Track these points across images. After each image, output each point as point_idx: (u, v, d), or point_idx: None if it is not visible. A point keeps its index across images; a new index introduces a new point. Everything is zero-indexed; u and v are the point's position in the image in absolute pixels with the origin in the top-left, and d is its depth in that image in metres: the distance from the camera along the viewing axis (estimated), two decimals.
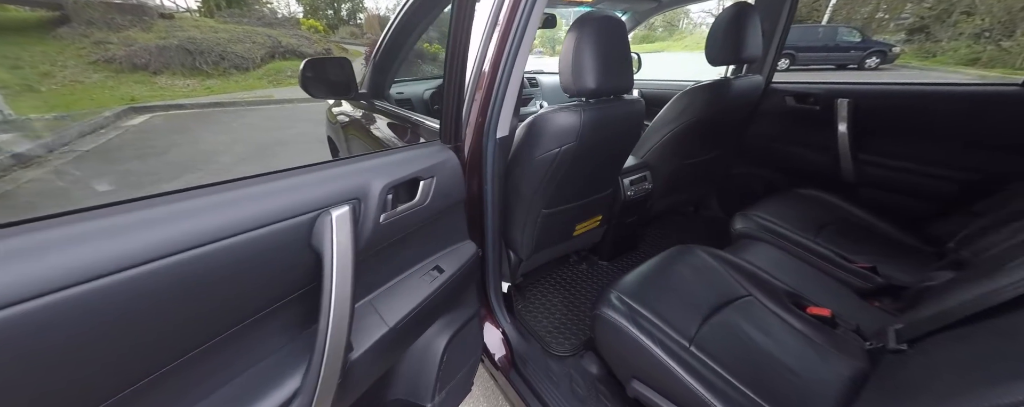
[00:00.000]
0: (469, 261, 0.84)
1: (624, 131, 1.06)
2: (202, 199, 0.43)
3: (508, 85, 0.78)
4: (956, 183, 1.24)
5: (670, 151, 1.39)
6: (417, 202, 0.66)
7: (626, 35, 0.92)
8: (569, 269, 1.54)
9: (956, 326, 0.59)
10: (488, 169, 0.85)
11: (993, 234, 0.88)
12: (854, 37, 10.24)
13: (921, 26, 12.38)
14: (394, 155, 0.67)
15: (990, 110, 1.18)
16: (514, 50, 0.75)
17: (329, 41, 12.26)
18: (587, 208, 1.22)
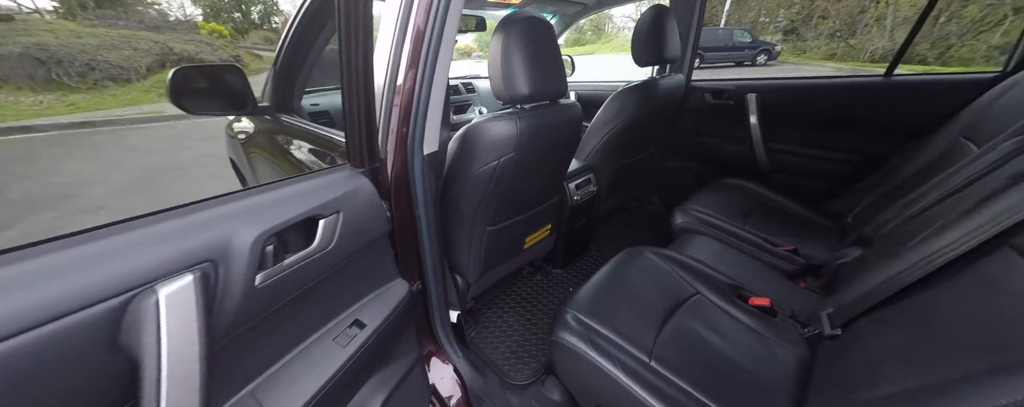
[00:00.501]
0: (402, 303, 0.72)
1: (564, 137, 1.02)
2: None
3: (431, 94, 0.68)
4: (847, 164, 1.42)
5: (611, 151, 1.41)
6: (316, 248, 0.53)
7: (555, 37, 0.88)
8: (523, 282, 1.48)
9: (878, 308, 0.63)
10: (418, 190, 0.74)
11: (884, 211, 1.00)
12: (746, 38, 11.87)
13: (792, 28, 14.80)
14: (277, 190, 0.53)
15: (863, 98, 1.37)
16: (432, 55, 0.66)
17: (238, 47, 10.87)
18: (535, 219, 1.16)
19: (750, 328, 0.83)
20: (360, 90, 0.58)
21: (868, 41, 12.30)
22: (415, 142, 0.70)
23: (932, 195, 0.86)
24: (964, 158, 0.93)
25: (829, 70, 11.32)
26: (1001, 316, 0.44)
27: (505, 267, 1.20)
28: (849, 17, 13.11)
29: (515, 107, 0.89)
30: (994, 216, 0.54)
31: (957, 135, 1.03)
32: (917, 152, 1.15)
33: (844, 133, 1.41)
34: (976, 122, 1.00)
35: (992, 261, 0.52)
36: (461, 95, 2.06)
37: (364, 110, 0.60)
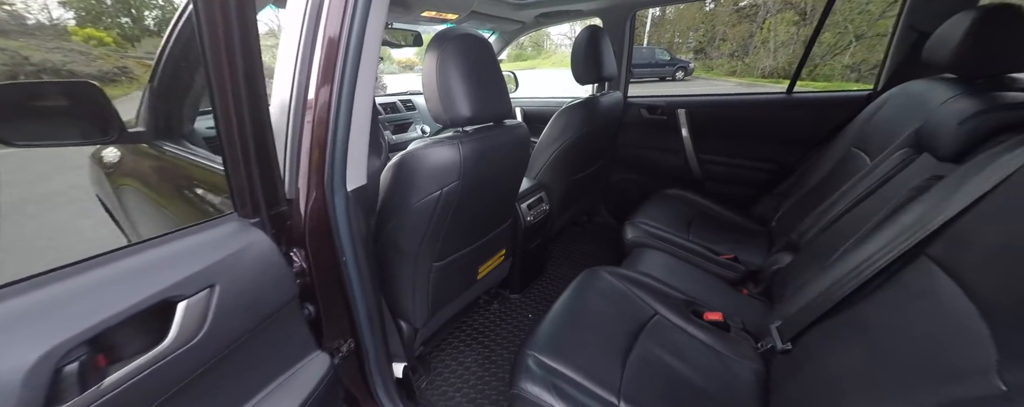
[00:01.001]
0: (322, 381, 0.59)
1: (513, 159, 0.97)
2: None
3: (352, 117, 0.58)
4: (764, 172, 1.58)
5: (561, 168, 1.41)
6: (171, 345, 0.39)
7: (495, 55, 0.83)
8: (479, 314, 1.39)
9: (821, 320, 0.66)
10: (343, 233, 0.62)
11: (804, 219, 1.10)
12: (665, 56, 13.32)
13: (701, 48, 16.99)
14: (103, 267, 0.37)
15: (771, 112, 1.54)
16: (351, 69, 0.55)
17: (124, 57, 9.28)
18: (488, 246, 1.09)
19: (707, 346, 0.84)
20: (244, 115, 0.45)
21: (758, 60, 14.53)
22: (335, 176, 0.58)
23: (842, 203, 0.96)
24: (858, 166, 1.06)
25: (732, 84, 13.12)
26: (935, 334, 0.47)
27: (458, 302, 1.10)
28: (743, 40, 15.41)
29: (457, 130, 0.82)
30: (906, 227, 0.59)
31: (849, 145, 1.18)
32: (819, 160, 1.30)
33: (760, 143, 1.57)
34: (861, 134, 1.15)
35: (913, 271, 0.56)
36: (400, 113, 1.93)
37: (253, 142, 0.48)
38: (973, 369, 0.39)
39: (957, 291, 0.47)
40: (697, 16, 16.72)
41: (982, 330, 0.42)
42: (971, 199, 0.51)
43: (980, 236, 0.49)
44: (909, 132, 0.89)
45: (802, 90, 1.51)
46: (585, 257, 1.81)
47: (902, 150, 0.88)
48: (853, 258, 0.66)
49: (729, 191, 1.67)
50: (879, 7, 10.13)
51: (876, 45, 10.14)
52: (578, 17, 1.79)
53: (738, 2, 14.89)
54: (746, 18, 15.05)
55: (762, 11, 14.34)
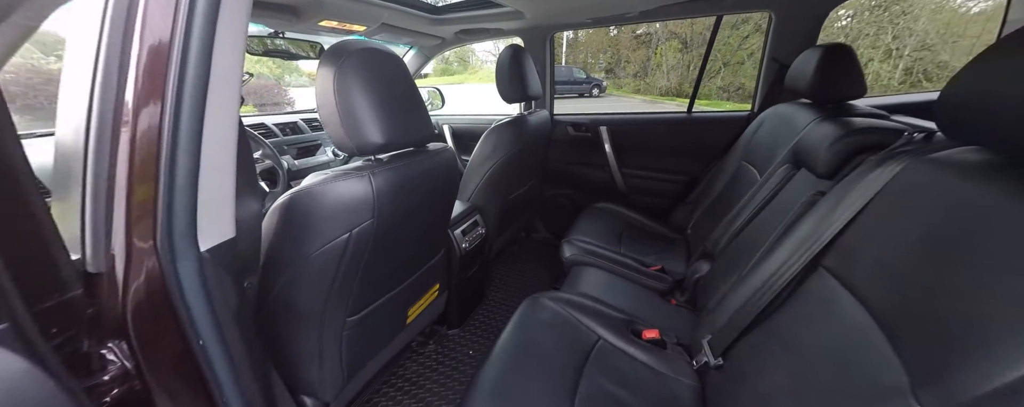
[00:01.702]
0: None
1: (439, 186, 0.87)
2: None
3: (202, 149, 0.42)
4: (676, 183, 1.73)
5: (494, 189, 1.36)
6: None
7: (407, 70, 0.73)
8: (413, 359, 1.23)
9: (746, 332, 0.69)
10: (195, 308, 0.44)
11: (714, 228, 1.20)
12: (582, 75, 14.64)
13: (610, 68, 19.07)
14: None
15: (676, 129, 1.70)
16: (194, 90, 0.40)
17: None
18: (418, 285, 0.96)
19: (648, 367, 0.84)
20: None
21: (656, 80, 16.81)
22: (177, 231, 0.42)
23: (744, 214, 1.07)
24: (750, 179, 1.21)
25: (638, 100, 14.90)
26: (845, 349, 0.50)
27: (384, 355, 0.94)
28: (643, 62, 17.72)
29: (367, 159, 0.69)
30: (802, 241, 0.65)
31: (739, 159, 1.35)
32: (718, 172, 1.47)
33: (670, 157, 1.73)
34: (747, 150, 1.32)
35: (814, 282, 0.61)
36: (304, 134, 1.67)
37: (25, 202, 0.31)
38: (890, 388, 0.41)
39: (854, 302, 0.52)
40: (604, 40, 18.69)
41: (884, 344, 0.45)
42: (850, 215, 0.58)
43: (861, 252, 0.55)
44: (786, 150, 1.04)
45: (699, 109, 1.70)
46: (525, 276, 1.76)
47: (784, 166, 1.01)
48: (764, 270, 0.71)
49: (650, 202, 1.80)
50: (735, 41, 12.59)
51: (737, 71, 12.58)
52: (499, 35, 1.78)
53: (635, 30, 17.08)
54: (643, 44, 17.30)
55: (655, 39, 16.64)
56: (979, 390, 0.32)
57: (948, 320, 0.38)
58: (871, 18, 9.71)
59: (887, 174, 0.56)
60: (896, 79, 9.47)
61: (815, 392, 0.50)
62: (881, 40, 9.60)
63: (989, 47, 0.44)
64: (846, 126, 0.82)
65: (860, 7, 9.62)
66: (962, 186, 0.45)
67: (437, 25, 1.53)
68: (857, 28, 9.86)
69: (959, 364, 0.35)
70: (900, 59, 9.49)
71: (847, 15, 9.85)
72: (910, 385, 0.39)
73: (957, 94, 0.46)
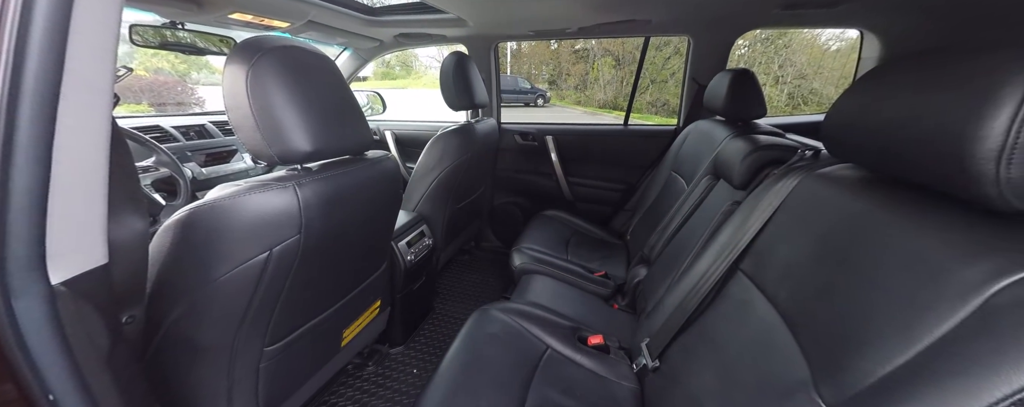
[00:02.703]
0: None
1: (380, 196, 0.81)
2: None
3: (53, 157, 0.33)
4: (616, 191, 1.84)
5: (441, 198, 1.31)
6: None
7: (338, 71, 0.66)
8: (350, 384, 1.12)
9: (679, 334, 0.74)
10: (41, 360, 0.34)
11: (650, 234, 1.29)
12: (527, 85, 15.15)
13: (552, 80, 20.03)
14: None
15: (613, 141, 1.81)
16: (38, 80, 0.31)
17: None
18: (355, 304, 0.87)
19: (593, 373, 0.86)
20: None
21: (594, 94, 18.03)
22: (11, 261, 0.32)
23: (675, 221, 1.16)
24: (679, 188, 1.32)
25: (579, 111, 15.80)
26: (762, 347, 0.55)
27: (313, 383, 0.84)
28: (582, 76, 18.90)
29: (292, 169, 0.61)
30: (723, 246, 0.72)
31: (669, 169, 1.47)
32: (652, 182, 1.59)
33: (610, 167, 1.83)
34: (675, 161, 1.45)
35: (734, 285, 0.67)
36: (214, 138, 1.45)
37: None
38: (796, 383, 0.46)
39: (765, 302, 0.58)
40: (547, 53, 19.58)
41: (790, 341, 0.50)
42: (760, 223, 0.65)
43: (769, 256, 0.62)
44: (708, 162, 1.15)
45: (634, 122, 1.84)
46: (475, 287, 1.72)
47: (707, 177, 1.13)
48: (692, 275, 0.77)
49: (593, 209, 1.88)
50: (660, 61, 14.11)
51: (662, 88, 14.09)
52: (443, 42, 1.75)
53: (574, 45, 18.18)
54: (582, 59, 18.47)
55: (591, 55, 17.88)
56: (864, 383, 0.36)
57: (839, 318, 0.44)
58: (762, 48, 11.67)
59: (787, 187, 0.64)
60: (783, 102, 11.43)
61: (738, 389, 0.55)
62: (770, 68, 11.54)
63: (853, 83, 0.53)
64: (754, 143, 0.94)
65: (754, 39, 11.48)
66: (844, 198, 0.53)
67: (374, 27, 1.44)
68: (751, 57, 11.73)
69: (848, 359, 0.39)
70: (785, 85, 11.49)
71: (744, 44, 11.67)
72: (812, 379, 0.43)
73: (834, 121, 0.55)
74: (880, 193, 0.49)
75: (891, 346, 0.36)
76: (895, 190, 0.48)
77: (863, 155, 0.51)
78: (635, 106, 1.85)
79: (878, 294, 0.40)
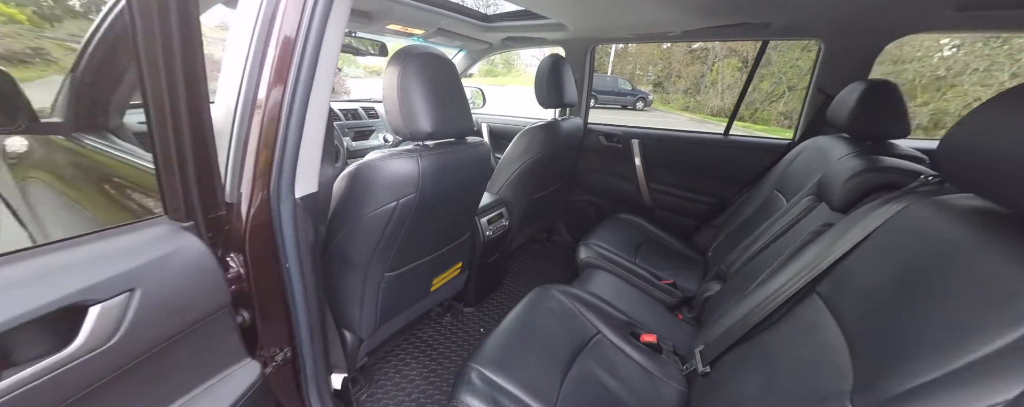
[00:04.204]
0: (250, 390, 0.56)
1: (473, 175, 0.98)
2: None
3: (306, 121, 0.56)
4: (705, 204, 1.72)
5: (521, 186, 1.44)
6: (79, 350, 0.36)
7: (457, 73, 0.84)
8: (430, 326, 1.35)
9: (736, 345, 0.72)
10: (288, 241, 0.59)
11: (732, 251, 1.20)
12: (627, 86, 14.37)
13: (659, 82, 18.49)
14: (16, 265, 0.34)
15: (710, 151, 1.69)
16: (306, 71, 0.54)
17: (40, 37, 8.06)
18: (443, 259, 1.07)
19: (640, 366, 0.88)
20: (181, 112, 0.42)
21: (708, 99, 16.10)
22: (283, 181, 0.55)
23: (762, 240, 1.07)
24: (777, 207, 1.19)
25: (685, 118, 14.33)
26: (813, 363, 0.53)
27: (409, 314, 1.06)
28: (695, 79, 17.02)
29: (417, 144, 0.81)
30: (803, 266, 0.67)
31: (772, 187, 1.32)
32: (749, 198, 1.45)
33: (701, 178, 1.72)
34: (782, 178, 1.30)
35: (807, 306, 0.63)
36: (361, 120, 1.87)
37: (190, 141, 0.44)
38: (834, 393, 0.45)
39: (834, 325, 0.54)
40: (656, 53, 18.14)
41: (846, 358, 0.48)
42: (849, 246, 0.60)
43: (851, 281, 0.57)
44: (815, 181, 1.03)
45: (736, 133, 1.68)
46: (541, 274, 1.83)
47: (808, 197, 1.01)
48: (764, 291, 0.73)
49: (674, 220, 1.80)
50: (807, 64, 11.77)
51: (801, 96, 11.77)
52: (543, 44, 1.88)
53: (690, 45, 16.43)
54: (698, 59, 16.59)
55: (711, 55, 15.92)
56: (890, 393, 0.37)
57: (895, 336, 0.42)
58: (985, 50, 8.06)
59: (890, 211, 0.58)
60: None
61: (775, 395, 0.54)
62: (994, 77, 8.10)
63: (988, 100, 0.45)
64: (869, 163, 0.82)
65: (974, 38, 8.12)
66: (951, 228, 0.47)
67: (486, 31, 1.65)
68: (963, 61, 8.51)
69: (886, 373, 0.39)
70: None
71: (952, 46, 8.48)
72: (851, 390, 0.43)
73: (955, 144, 0.48)
74: (995, 228, 0.43)
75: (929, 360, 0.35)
76: (1006, 223, 0.42)
77: (989, 185, 0.44)
78: (761, 117, 1.67)
79: (936, 319, 0.38)
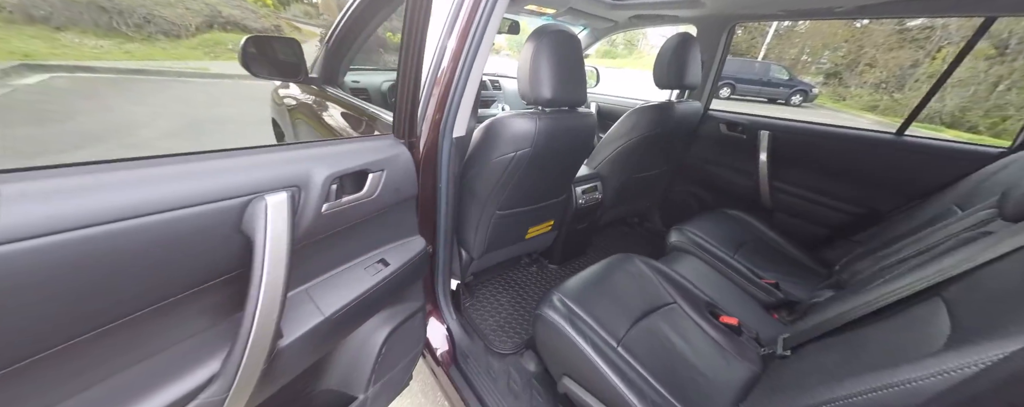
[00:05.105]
0: (417, 257, 0.82)
1: (576, 142, 1.10)
2: (115, 173, 0.40)
3: (467, 84, 0.78)
4: (846, 214, 1.45)
5: (620, 164, 1.48)
6: (364, 194, 0.64)
7: (581, 50, 0.96)
8: (520, 271, 1.57)
9: (824, 337, 0.69)
10: (443, 167, 0.84)
11: (866, 261, 1.03)
12: (783, 75, 11.59)
13: (835, 71, 14.36)
14: (341, 145, 0.64)
15: (872, 153, 1.39)
16: (474, 49, 0.75)
17: (279, 17, 11.31)
18: (540, 212, 1.24)
19: (714, 340, 0.89)
20: (411, 74, 0.68)
21: (915, 97, 11.86)
22: (446, 125, 0.79)
23: (907, 250, 0.90)
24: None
25: (868, 121, 10.94)
26: (902, 346, 0.50)
27: (506, 252, 1.28)
28: (898, 69, 12.64)
29: (536, 108, 0.98)
30: (937, 271, 0.59)
31: (951, 202, 1.04)
32: (912, 213, 1.17)
33: (849, 184, 1.44)
34: (971, 192, 1.01)
35: (924, 307, 0.57)
36: (488, 91, 2.17)
37: (411, 92, 0.70)
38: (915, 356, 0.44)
39: (948, 324, 0.50)
40: (840, 33, 14.06)
41: (944, 330, 0.46)
42: (1004, 251, 0.51)
43: (983, 287, 0.50)
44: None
45: (914, 134, 1.33)
46: (625, 250, 1.85)
47: (989, 210, 0.80)
48: (878, 290, 0.67)
49: (798, 226, 1.57)
50: None
51: None
52: (673, 22, 1.79)
53: (903, 22, 12.14)
54: (911, 42, 12.25)
55: (936, 37, 11.56)
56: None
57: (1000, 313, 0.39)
58: None
59: None
60: None
61: (848, 368, 0.53)
62: None
63: None
64: None
65: None
66: None
67: (614, 10, 1.68)
68: None
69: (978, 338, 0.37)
70: None
71: None
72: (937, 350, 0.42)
73: None
74: None
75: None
76: None
77: None
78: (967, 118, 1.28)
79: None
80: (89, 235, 0.36)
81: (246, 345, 0.48)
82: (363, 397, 0.82)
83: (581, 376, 0.80)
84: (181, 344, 0.50)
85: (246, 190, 0.47)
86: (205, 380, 0.49)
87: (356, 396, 0.82)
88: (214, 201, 0.45)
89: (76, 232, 0.35)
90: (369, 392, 0.83)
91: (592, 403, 0.78)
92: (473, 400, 0.93)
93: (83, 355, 0.41)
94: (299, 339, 0.59)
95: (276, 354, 0.55)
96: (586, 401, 0.79)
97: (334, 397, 0.83)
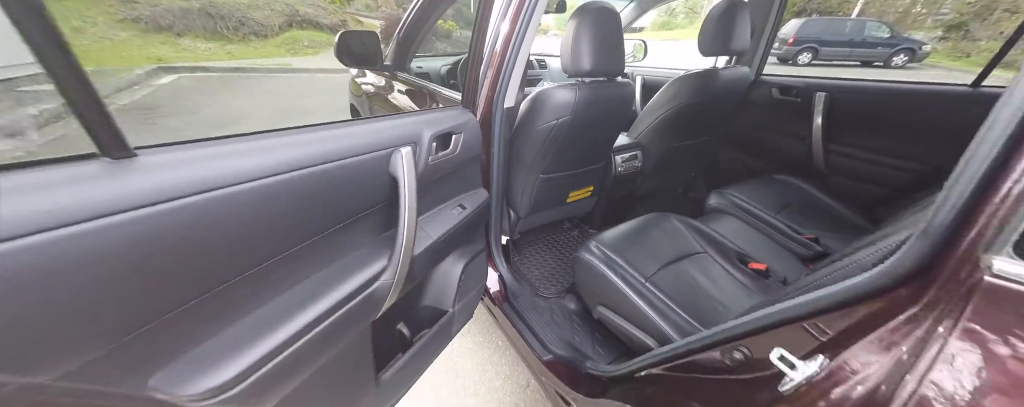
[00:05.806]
0: (482, 204, 1.02)
1: (614, 110, 1.21)
2: (305, 135, 0.59)
3: (516, 61, 0.93)
4: (910, 172, 1.38)
5: (660, 133, 1.53)
6: (450, 151, 0.84)
7: (619, 24, 1.08)
8: (562, 234, 1.74)
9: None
10: (496, 134, 1.01)
11: (911, 208, 1.04)
12: (883, 32, 9.79)
13: (959, 23, 11.75)
14: (431, 114, 0.85)
15: (942, 108, 1.30)
16: (523, 30, 0.89)
17: (345, 12, 12.18)
18: (580, 178, 1.38)
19: (739, 282, 1.00)
20: (478, 57, 0.86)
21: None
22: (499, 97, 0.96)
23: None
24: None
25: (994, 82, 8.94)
26: None
27: (549, 214, 1.45)
28: None
29: (577, 80, 1.12)
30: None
31: None
32: None
33: (913, 142, 1.37)
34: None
35: None
36: (533, 70, 2.29)
37: (476, 70, 0.89)
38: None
39: None
40: None
41: None
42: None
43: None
44: None
45: (993, 85, 1.23)
46: None
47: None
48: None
49: (854, 188, 1.53)
50: None
51: None
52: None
53: None
54: None
55: None
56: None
57: None
58: None
59: None
60: None
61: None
62: None
63: None
64: None
65: None
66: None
67: None
68: None
69: None
70: None
71: None
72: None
73: None
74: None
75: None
76: None
77: None
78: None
79: None
80: (300, 175, 0.54)
81: (400, 248, 0.68)
82: (452, 311, 1.06)
83: (613, 304, 0.96)
84: (359, 250, 0.71)
85: (387, 144, 0.68)
86: (378, 271, 0.70)
87: (446, 310, 1.06)
88: (370, 152, 0.65)
89: (292, 173, 0.53)
90: (455, 308, 1.07)
91: (623, 324, 0.95)
92: (524, 327, 1.13)
93: (297, 258, 0.59)
94: (423, 252, 0.80)
95: (413, 260, 0.75)
96: (618, 323, 0.96)
97: (432, 311, 1.08)
